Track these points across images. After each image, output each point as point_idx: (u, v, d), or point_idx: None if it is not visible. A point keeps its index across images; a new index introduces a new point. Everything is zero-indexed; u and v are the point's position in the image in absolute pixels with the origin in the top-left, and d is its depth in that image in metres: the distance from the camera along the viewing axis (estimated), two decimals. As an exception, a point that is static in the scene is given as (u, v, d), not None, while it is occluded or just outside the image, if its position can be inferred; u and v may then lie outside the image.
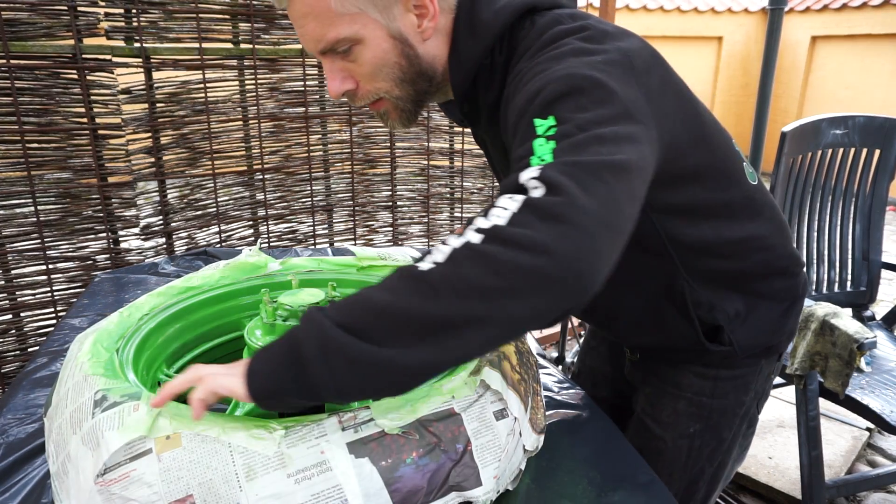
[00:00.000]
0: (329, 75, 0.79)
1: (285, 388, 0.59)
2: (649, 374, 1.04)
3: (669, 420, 1.00)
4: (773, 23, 2.26)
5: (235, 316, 1.09)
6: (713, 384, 0.96)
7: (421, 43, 0.78)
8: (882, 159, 2.06)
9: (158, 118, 1.87)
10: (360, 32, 0.74)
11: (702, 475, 1.03)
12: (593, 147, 0.59)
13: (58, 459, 0.70)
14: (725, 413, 0.99)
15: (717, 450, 1.02)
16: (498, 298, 0.54)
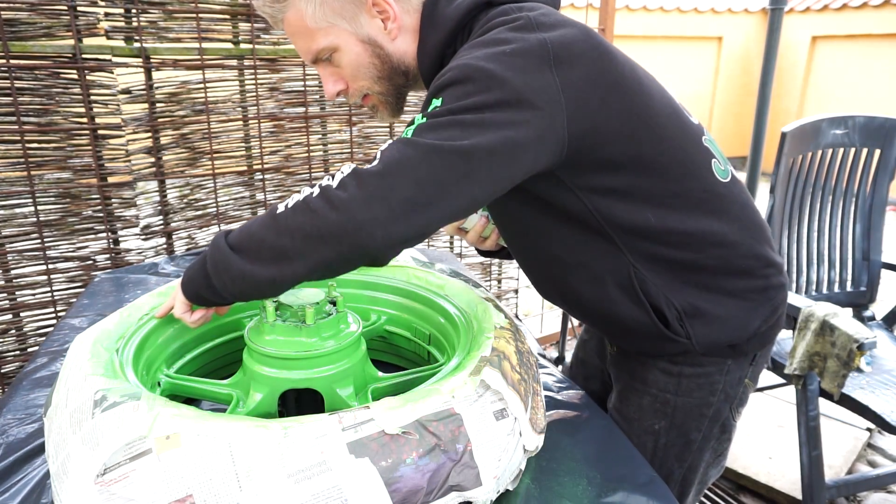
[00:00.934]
0: (323, 80, 0.94)
1: (203, 293, 0.82)
2: (622, 371, 1.06)
3: (635, 415, 1.02)
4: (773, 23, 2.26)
5: (235, 316, 1.09)
6: (677, 381, 0.97)
7: (389, 43, 0.89)
8: (882, 159, 2.06)
9: (158, 118, 1.87)
10: (335, 42, 0.88)
11: (671, 476, 1.04)
12: (448, 131, 0.72)
13: (58, 459, 0.70)
14: (691, 412, 0.99)
15: (685, 450, 1.02)
16: (312, 242, 0.72)
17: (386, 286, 1.14)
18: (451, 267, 1.18)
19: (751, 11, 7.90)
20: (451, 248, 2.58)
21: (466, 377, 0.75)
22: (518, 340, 0.89)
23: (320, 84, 2.13)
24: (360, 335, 0.91)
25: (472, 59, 0.75)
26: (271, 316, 0.88)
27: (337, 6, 0.86)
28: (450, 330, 1.00)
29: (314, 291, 0.94)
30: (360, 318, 0.95)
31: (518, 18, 0.80)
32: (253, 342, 0.87)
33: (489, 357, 0.79)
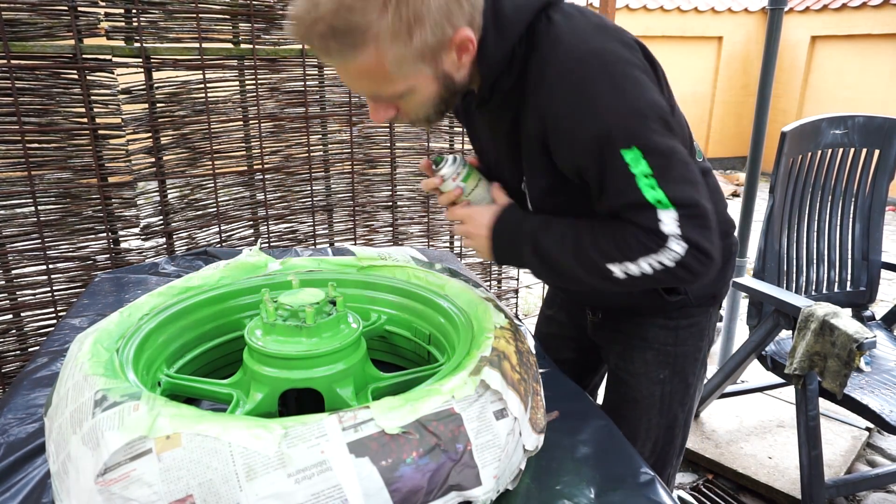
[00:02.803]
0: (374, 108, 0.87)
1: (510, 263, 0.99)
2: (616, 332, 1.15)
3: (641, 370, 1.12)
4: (773, 23, 2.26)
5: (235, 316, 1.09)
6: (675, 333, 1.09)
7: (458, 73, 0.84)
8: (882, 159, 2.06)
9: (158, 118, 1.87)
10: (412, 85, 0.81)
11: (676, 421, 1.16)
12: (679, 170, 0.80)
13: (58, 459, 0.70)
14: (687, 358, 1.12)
15: (685, 395, 1.15)
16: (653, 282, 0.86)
17: (386, 286, 1.14)
18: (451, 267, 1.18)
19: (751, 11, 7.89)
20: (450, 248, 2.58)
21: (466, 377, 0.75)
22: (518, 340, 0.89)
23: (320, 84, 2.13)
24: (360, 335, 0.91)
25: (625, 100, 0.79)
26: (272, 316, 0.88)
27: (424, 50, 0.77)
28: (450, 330, 1.00)
29: (314, 291, 0.94)
30: (360, 318, 0.95)
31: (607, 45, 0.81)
32: (253, 342, 0.87)
33: (489, 357, 0.79)
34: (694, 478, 2.11)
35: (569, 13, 0.85)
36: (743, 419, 2.36)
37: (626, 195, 0.80)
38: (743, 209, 2.49)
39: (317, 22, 0.73)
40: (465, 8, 0.78)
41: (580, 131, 0.80)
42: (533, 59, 0.84)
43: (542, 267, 0.93)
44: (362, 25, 0.73)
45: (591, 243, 0.86)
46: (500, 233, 0.96)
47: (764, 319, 1.88)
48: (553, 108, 0.82)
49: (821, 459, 1.72)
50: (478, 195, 1.00)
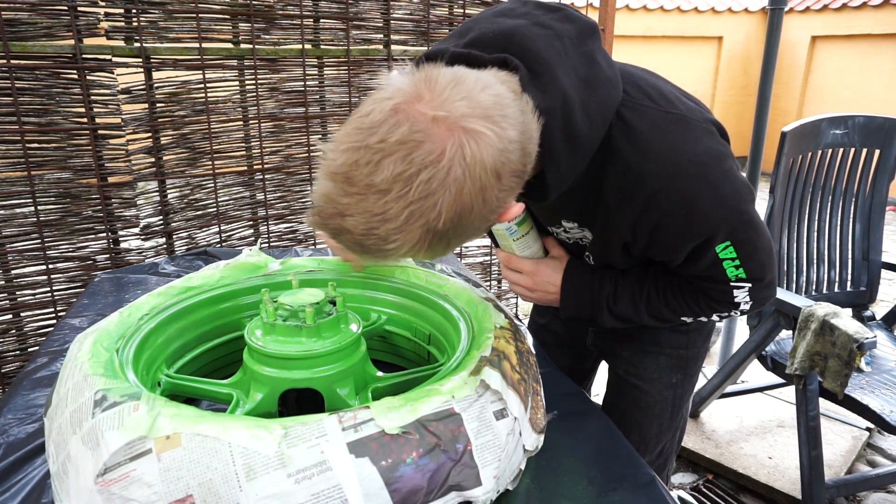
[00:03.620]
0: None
1: (581, 316, 0.99)
2: (624, 339, 1.13)
3: (655, 375, 1.12)
4: (773, 23, 2.26)
5: (235, 316, 1.09)
6: (687, 337, 1.10)
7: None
8: (882, 159, 2.06)
9: (158, 118, 1.87)
10: None
11: (682, 420, 1.19)
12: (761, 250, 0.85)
13: (58, 459, 0.70)
14: (696, 360, 1.14)
15: (691, 393, 1.18)
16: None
17: (386, 286, 1.14)
18: (451, 267, 1.18)
19: (751, 11, 7.89)
20: (451, 248, 2.58)
21: (466, 377, 0.75)
22: (518, 340, 0.89)
23: (320, 84, 2.13)
24: (360, 335, 0.91)
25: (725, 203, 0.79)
26: (271, 316, 0.88)
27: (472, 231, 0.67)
28: (450, 330, 1.00)
29: (314, 291, 0.94)
30: (360, 318, 0.95)
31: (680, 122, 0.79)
32: (253, 342, 0.87)
33: (489, 357, 0.79)
34: (694, 478, 2.11)
35: (636, 106, 0.78)
36: (743, 419, 2.36)
37: (709, 272, 0.86)
38: (743, 209, 2.48)
39: (342, 232, 0.64)
40: (515, 179, 0.66)
41: (679, 241, 0.82)
42: (611, 163, 0.79)
43: (618, 324, 0.99)
44: (391, 250, 0.64)
45: (665, 305, 0.93)
46: (571, 297, 0.99)
47: (764, 319, 1.88)
48: (650, 222, 0.81)
49: (821, 459, 1.72)
50: (526, 242, 0.98)
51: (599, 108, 0.74)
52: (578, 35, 0.75)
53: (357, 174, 0.59)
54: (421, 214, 0.60)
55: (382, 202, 0.59)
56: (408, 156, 0.58)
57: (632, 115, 0.77)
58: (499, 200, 0.64)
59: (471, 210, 0.61)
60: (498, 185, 0.62)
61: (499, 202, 0.64)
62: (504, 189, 0.64)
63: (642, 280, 0.94)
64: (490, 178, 0.60)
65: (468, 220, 0.62)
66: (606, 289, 0.96)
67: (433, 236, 0.62)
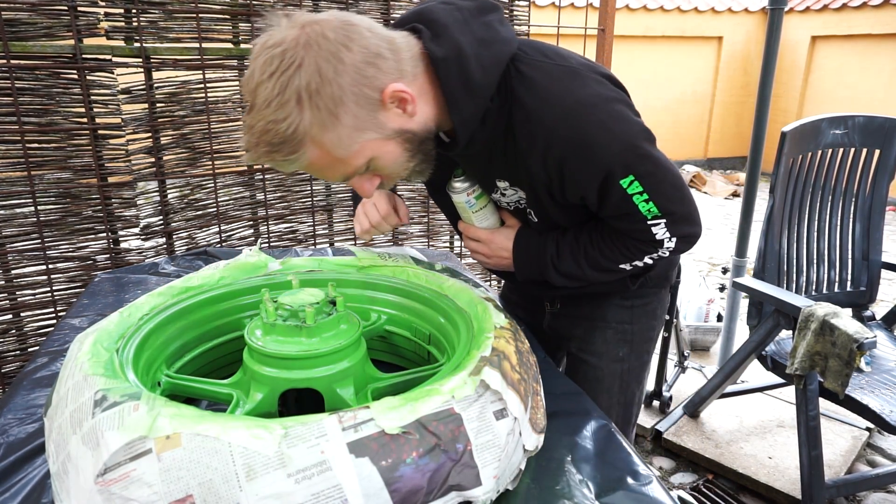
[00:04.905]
0: (358, 186, 0.91)
1: (533, 279, 1.09)
2: (576, 318, 1.24)
3: (602, 349, 1.22)
4: (773, 23, 2.26)
5: (235, 316, 1.09)
6: (630, 312, 1.20)
7: (412, 122, 0.86)
8: (882, 159, 2.06)
9: (158, 118, 1.87)
10: (368, 154, 0.85)
11: (633, 398, 1.28)
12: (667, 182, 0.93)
13: (58, 459, 0.70)
14: (643, 336, 1.23)
15: (641, 372, 1.27)
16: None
17: (386, 286, 1.14)
18: (451, 267, 1.19)
19: (751, 11, 7.89)
20: (451, 247, 2.58)
21: (466, 377, 0.75)
22: (518, 340, 0.89)
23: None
24: (360, 335, 0.91)
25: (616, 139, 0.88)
26: (271, 316, 0.88)
27: (357, 122, 0.81)
28: (450, 330, 1.00)
29: (314, 291, 0.94)
30: (360, 318, 0.95)
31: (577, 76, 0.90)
32: (253, 342, 0.87)
33: (489, 357, 0.79)
34: (694, 478, 2.12)
35: (532, 61, 0.90)
36: (743, 419, 2.37)
37: (623, 210, 0.94)
38: (743, 209, 2.48)
39: (258, 144, 0.79)
40: (385, 66, 0.81)
41: (584, 175, 0.91)
42: (515, 111, 0.90)
43: (564, 280, 1.07)
44: (290, 131, 0.77)
45: (600, 254, 1.02)
46: (521, 259, 1.09)
47: (764, 319, 1.88)
48: (555, 159, 0.90)
49: (821, 459, 1.72)
50: (484, 214, 1.09)
51: (491, 59, 0.87)
52: (478, 9, 0.90)
53: (247, 95, 0.79)
54: (288, 82, 0.75)
55: (262, 97, 0.76)
56: (271, 57, 0.75)
57: (528, 68, 0.89)
58: (361, 72, 0.78)
59: (335, 70, 0.76)
60: (349, 53, 0.77)
61: (363, 74, 0.78)
62: (365, 63, 0.78)
63: (579, 236, 1.04)
64: (336, 46, 0.76)
65: (339, 80, 0.77)
66: (549, 248, 1.05)
67: (310, 99, 0.76)
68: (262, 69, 0.76)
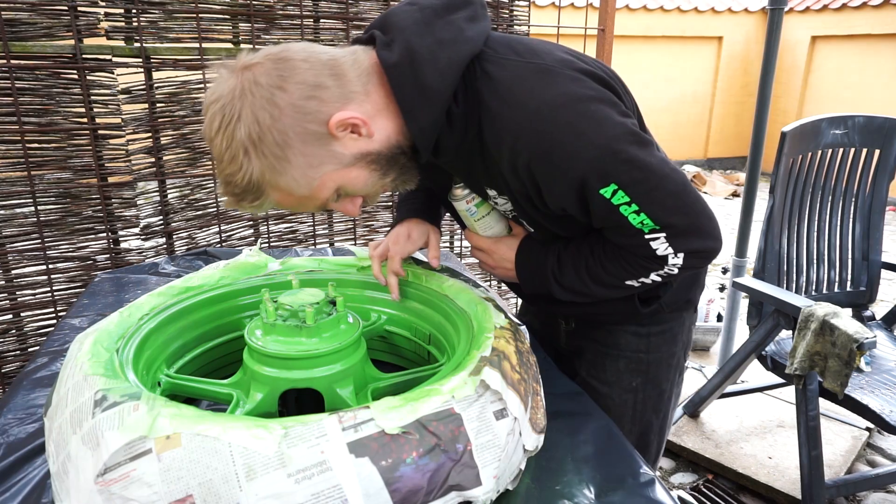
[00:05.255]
0: (341, 209, 0.89)
1: (538, 291, 1.02)
2: (587, 340, 1.16)
3: (613, 378, 1.13)
4: (773, 23, 2.26)
5: (235, 316, 1.09)
6: (647, 340, 1.10)
7: (372, 143, 0.82)
8: (882, 159, 2.06)
9: (158, 118, 1.87)
10: (333, 185, 0.82)
11: (650, 428, 1.17)
12: (659, 189, 0.82)
13: (58, 459, 0.70)
14: (661, 365, 1.12)
15: (659, 401, 1.15)
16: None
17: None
18: (451, 267, 1.18)
19: (751, 11, 7.90)
20: (450, 248, 2.58)
21: (466, 377, 0.75)
22: (518, 340, 0.89)
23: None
24: (360, 335, 0.91)
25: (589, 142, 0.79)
26: (271, 316, 0.88)
27: (310, 160, 0.79)
28: (450, 330, 1.00)
29: (314, 291, 0.94)
30: (360, 318, 0.95)
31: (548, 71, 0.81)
32: (253, 342, 0.87)
33: (489, 357, 0.79)
34: (694, 478, 2.12)
35: (500, 59, 0.83)
36: (743, 419, 2.37)
37: (613, 222, 0.85)
38: (743, 209, 2.48)
39: (226, 193, 0.82)
40: (327, 95, 0.77)
41: (556, 184, 0.83)
42: (484, 115, 0.83)
43: (569, 295, 0.99)
44: (246, 181, 0.78)
45: (603, 269, 0.93)
46: (524, 271, 1.03)
47: (764, 319, 1.88)
48: (524, 167, 0.83)
49: (821, 459, 1.72)
50: (488, 223, 1.05)
51: (449, 61, 0.80)
52: (444, 7, 0.84)
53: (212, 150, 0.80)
54: (232, 136, 0.75)
55: (217, 153, 0.78)
56: (213, 113, 0.77)
57: (493, 67, 0.82)
58: (301, 110, 0.76)
59: (272, 116, 0.75)
60: (283, 94, 0.75)
61: (303, 111, 0.76)
62: (304, 98, 0.76)
63: (581, 249, 0.96)
64: (269, 91, 0.75)
65: (278, 124, 0.75)
66: (551, 260, 0.98)
67: (255, 148, 0.76)
68: (210, 125, 0.77)
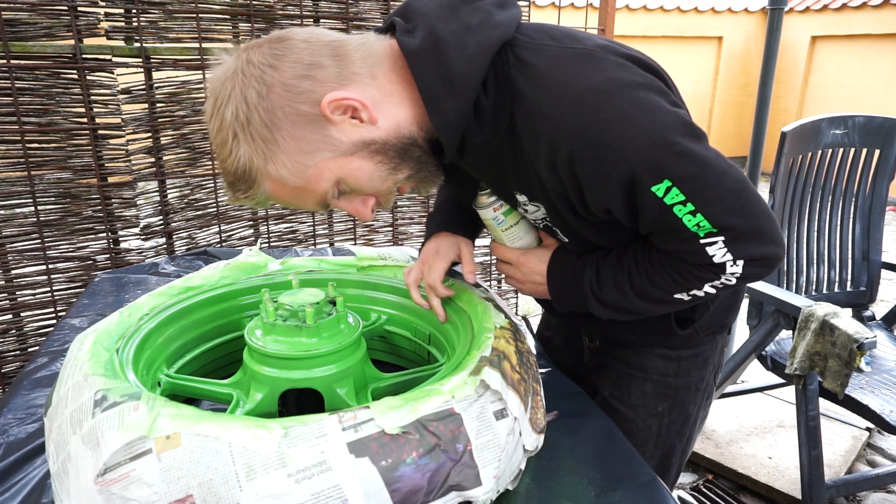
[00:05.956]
0: (352, 211, 0.81)
1: (573, 309, 0.94)
2: (612, 360, 1.09)
3: (638, 402, 1.06)
4: (773, 23, 2.26)
5: (235, 316, 1.09)
6: (677, 364, 1.03)
7: (375, 130, 0.75)
8: (882, 159, 2.06)
9: (158, 118, 1.87)
10: (332, 176, 0.76)
11: (673, 451, 1.10)
12: (716, 186, 0.72)
13: (58, 459, 0.70)
14: (689, 390, 1.05)
15: (684, 426, 1.09)
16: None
17: (386, 286, 1.14)
18: (451, 267, 1.18)
19: (751, 11, 7.90)
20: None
21: (466, 377, 0.75)
22: (518, 340, 0.89)
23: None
24: (360, 335, 0.91)
25: (641, 132, 0.70)
26: (271, 316, 0.88)
27: (302, 144, 0.73)
28: (450, 330, 1.00)
29: (314, 291, 0.94)
30: (360, 318, 0.95)
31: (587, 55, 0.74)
32: (253, 342, 0.87)
33: (489, 357, 0.79)
34: (694, 478, 2.12)
35: (537, 45, 0.75)
36: (743, 419, 2.36)
37: (665, 225, 0.75)
38: (743, 209, 2.48)
39: (226, 183, 0.78)
40: (323, 75, 0.72)
41: (602, 181, 0.73)
42: (517, 107, 0.75)
43: (610, 312, 0.90)
44: (237, 167, 0.74)
45: (649, 281, 0.83)
46: (557, 286, 0.94)
47: (764, 319, 1.88)
48: (564, 161, 0.73)
49: (821, 459, 1.72)
50: (516, 233, 0.96)
51: (478, 46, 0.73)
52: None
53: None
54: (223, 119, 0.72)
55: (212, 139, 0.76)
56: (209, 97, 0.75)
57: (530, 54, 0.75)
58: (292, 89, 0.71)
59: (258, 94, 0.71)
60: (274, 73, 0.71)
61: (294, 91, 0.71)
62: (297, 77, 0.71)
63: (622, 259, 0.86)
64: (260, 69, 0.71)
65: (265, 103, 0.71)
66: (588, 273, 0.88)
67: (243, 131, 0.72)
68: (206, 109, 0.75)
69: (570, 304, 0.93)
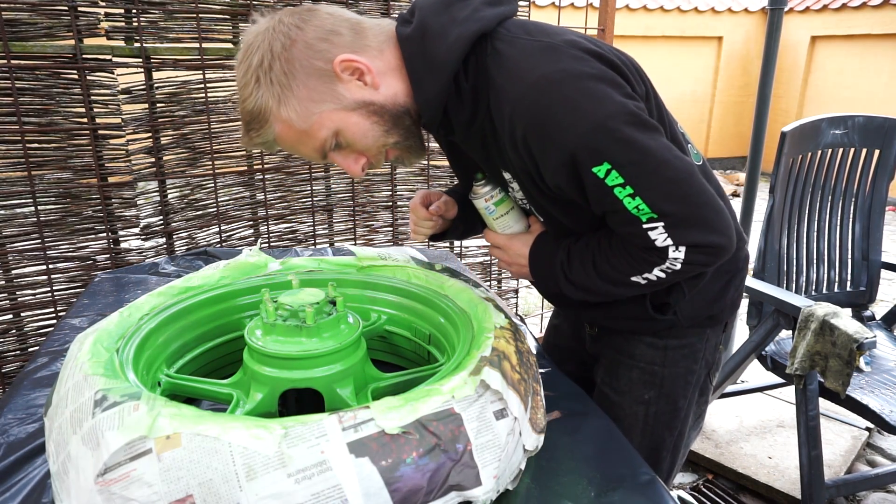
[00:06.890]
0: (344, 165, 0.92)
1: (550, 289, 1.02)
2: (606, 347, 1.14)
3: (626, 388, 1.11)
4: (773, 23, 2.26)
5: (235, 316, 1.09)
6: (663, 353, 1.07)
7: (377, 94, 0.87)
8: (882, 159, 2.06)
9: (158, 118, 1.87)
10: (332, 126, 0.86)
11: (663, 444, 1.13)
12: (656, 174, 0.80)
13: (58, 459, 0.70)
14: (677, 381, 1.09)
15: (673, 418, 1.11)
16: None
17: (386, 286, 1.14)
18: (451, 267, 1.19)
19: (751, 11, 7.90)
20: (451, 248, 2.58)
21: (466, 377, 0.75)
22: (518, 340, 0.89)
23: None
24: (360, 335, 0.91)
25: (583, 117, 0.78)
26: (271, 316, 0.88)
27: (312, 93, 0.84)
28: (450, 330, 1.00)
29: (314, 291, 0.94)
30: (360, 318, 0.95)
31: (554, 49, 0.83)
32: (253, 342, 0.87)
33: (489, 357, 0.79)
34: (694, 478, 2.12)
35: (512, 38, 0.85)
36: (743, 419, 2.37)
37: (609, 205, 0.83)
38: (743, 209, 2.48)
39: (242, 125, 0.89)
40: (339, 41, 0.85)
41: (549, 158, 0.82)
42: (490, 91, 0.85)
43: (579, 293, 0.98)
44: (253, 107, 0.85)
45: (609, 265, 0.91)
46: (536, 267, 1.03)
47: (764, 319, 1.88)
48: (521, 139, 0.83)
49: (821, 459, 1.72)
50: (506, 222, 1.05)
51: (458, 37, 0.84)
52: None
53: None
54: (248, 66, 0.85)
55: (238, 81, 0.87)
56: (240, 51, 0.88)
57: (504, 45, 0.85)
58: (312, 46, 0.84)
59: (283, 46, 0.83)
60: (300, 32, 0.84)
61: (314, 48, 0.84)
62: (318, 38, 0.84)
63: (590, 242, 0.94)
64: (288, 27, 0.84)
65: (287, 54, 0.83)
66: (561, 255, 0.97)
67: (265, 76, 0.83)
68: (238, 58, 0.87)
69: (547, 284, 1.02)
